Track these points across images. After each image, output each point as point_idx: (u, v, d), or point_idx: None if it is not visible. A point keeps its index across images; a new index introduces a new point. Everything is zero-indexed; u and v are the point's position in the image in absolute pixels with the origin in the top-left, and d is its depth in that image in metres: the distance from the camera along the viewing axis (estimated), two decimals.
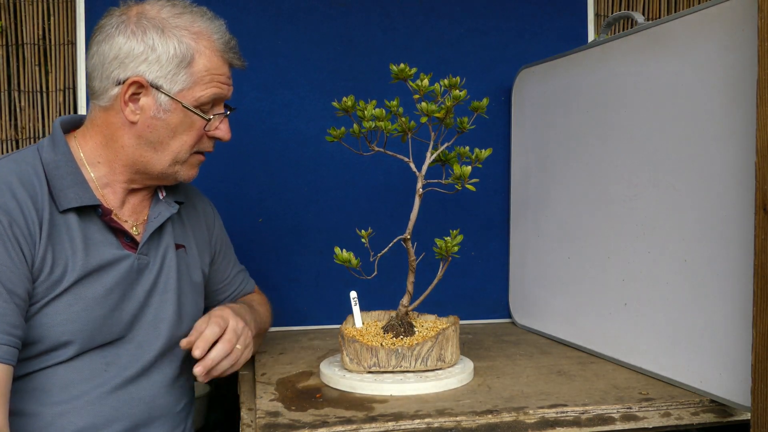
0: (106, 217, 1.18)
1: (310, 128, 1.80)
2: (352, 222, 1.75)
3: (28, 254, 1.09)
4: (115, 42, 1.15)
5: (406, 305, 1.34)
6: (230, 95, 1.25)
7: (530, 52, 1.89)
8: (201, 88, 1.18)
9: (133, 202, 1.26)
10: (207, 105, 1.20)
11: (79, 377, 1.15)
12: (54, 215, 1.13)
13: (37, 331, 1.11)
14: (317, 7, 1.81)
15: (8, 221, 1.07)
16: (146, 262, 1.23)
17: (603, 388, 1.24)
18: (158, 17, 1.16)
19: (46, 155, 1.17)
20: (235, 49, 1.24)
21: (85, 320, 1.14)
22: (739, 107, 1.10)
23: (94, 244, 1.17)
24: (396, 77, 1.29)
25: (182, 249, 1.32)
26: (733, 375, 1.12)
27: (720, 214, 1.14)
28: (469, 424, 1.09)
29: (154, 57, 1.14)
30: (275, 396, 1.22)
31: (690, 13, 1.21)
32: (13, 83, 1.78)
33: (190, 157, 1.23)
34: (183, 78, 1.16)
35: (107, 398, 1.16)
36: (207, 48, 1.18)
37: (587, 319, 1.50)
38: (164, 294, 1.25)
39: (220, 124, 1.24)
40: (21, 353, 1.09)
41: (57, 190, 1.14)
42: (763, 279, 1.00)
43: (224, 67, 1.21)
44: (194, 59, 1.17)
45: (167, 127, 1.18)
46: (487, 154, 1.29)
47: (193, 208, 1.40)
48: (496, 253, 1.89)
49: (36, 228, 1.10)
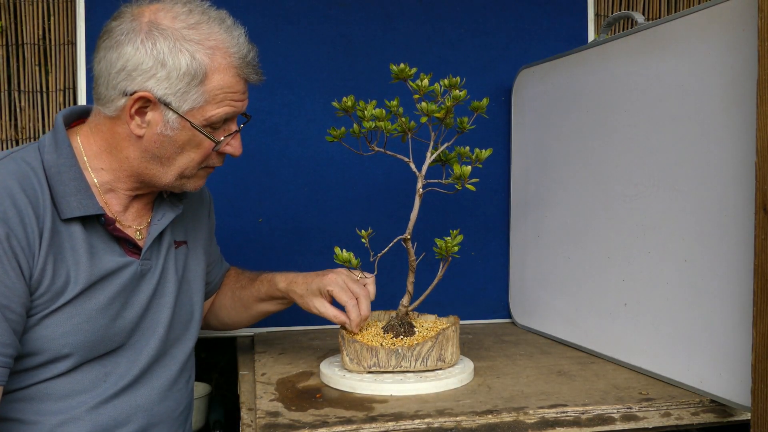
0: (109, 227, 1.15)
1: (310, 128, 1.80)
2: (352, 222, 1.75)
3: (26, 267, 1.05)
4: (123, 51, 1.08)
5: (406, 305, 1.34)
6: (245, 109, 1.18)
7: (530, 52, 1.89)
8: (213, 107, 1.11)
9: (136, 206, 1.22)
10: (218, 123, 1.14)
11: (79, 388, 1.13)
12: (56, 223, 1.09)
13: (36, 344, 1.08)
14: (317, 7, 1.81)
15: (6, 233, 1.02)
16: (149, 267, 1.21)
17: (603, 388, 1.24)
18: (171, 28, 1.07)
19: (48, 156, 1.11)
20: (253, 63, 1.16)
21: (87, 332, 1.11)
22: (739, 107, 1.10)
23: (97, 253, 1.13)
24: (396, 77, 1.29)
25: (183, 246, 1.30)
26: (733, 375, 1.12)
27: (720, 214, 1.14)
28: (469, 424, 1.09)
29: (164, 73, 1.07)
30: (275, 396, 1.22)
31: (690, 13, 1.21)
32: (13, 83, 1.78)
33: (198, 172, 1.19)
34: (194, 97, 1.09)
35: (106, 407, 1.15)
36: (222, 65, 1.10)
37: (587, 319, 1.50)
38: (162, 298, 1.23)
39: (232, 140, 1.18)
40: (18, 364, 1.07)
41: (59, 196, 1.09)
42: (763, 279, 1.00)
43: (239, 84, 1.13)
44: (207, 77, 1.09)
45: (174, 144, 1.12)
46: (487, 154, 1.29)
47: (195, 200, 1.37)
48: (496, 253, 1.89)
49: (35, 238, 1.06)
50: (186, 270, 1.30)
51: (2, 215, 1.03)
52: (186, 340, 1.29)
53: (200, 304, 1.34)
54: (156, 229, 1.21)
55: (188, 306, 1.30)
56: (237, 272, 1.52)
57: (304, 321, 1.79)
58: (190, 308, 1.30)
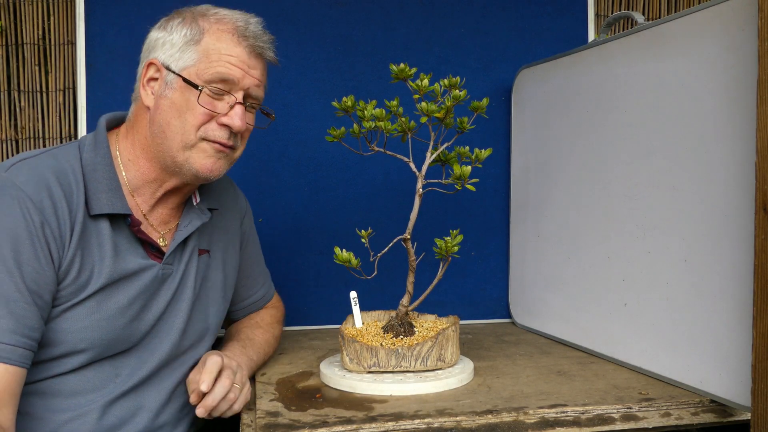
0: (134, 228, 1.17)
1: (310, 128, 1.80)
2: (352, 222, 1.75)
3: (56, 257, 1.08)
4: (149, 36, 1.20)
5: (406, 305, 1.34)
6: (248, 84, 1.17)
7: (530, 52, 1.89)
8: (205, 65, 1.14)
9: (163, 209, 1.24)
10: (214, 82, 1.14)
11: (89, 386, 1.14)
12: (86, 218, 1.12)
13: (54, 335, 1.10)
14: (317, 7, 1.81)
15: (40, 221, 1.06)
16: (170, 272, 1.22)
17: (603, 388, 1.24)
18: (197, 12, 1.18)
19: (87, 155, 1.16)
20: (257, 37, 1.18)
21: (104, 330, 1.13)
22: (739, 107, 1.10)
23: (121, 252, 1.16)
24: (396, 77, 1.29)
25: (206, 254, 1.31)
26: (733, 375, 1.12)
27: (720, 214, 1.14)
28: (469, 424, 1.09)
29: (169, 40, 1.16)
30: (275, 396, 1.22)
31: (690, 13, 1.21)
32: (13, 83, 1.78)
33: (199, 143, 1.16)
34: (189, 55, 1.14)
35: (113, 406, 1.15)
36: (220, 29, 1.16)
37: (587, 319, 1.50)
38: (178, 303, 1.24)
39: (231, 112, 1.16)
40: (35, 355, 1.08)
41: (91, 193, 1.13)
42: (763, 279, 1.00)
43: (237, 49, 1.15)
44: (203, 37, 1.15)
45: (172, 107, 1.14)
46: (487, 154, 1.29)
47: (228, 211, 1.38)
48: (496, 253, 1.89)
49: (67, 230, 1.09)
50: (205, 279, 1.30)
51: (38, 204, 1.07)
52: (199, 347, 1.29)
53: (217, 315, 1.33)
54: (181, 235, 1.23)
55: (203, 315, 1.30)
56: (255, 320, 1.49)
57: (304, 321, 1.79)
58: (204, 317, 1.30)
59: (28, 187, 1.07)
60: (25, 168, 1.10)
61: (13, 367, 1.03)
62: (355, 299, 1.40)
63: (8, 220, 1.05)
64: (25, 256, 1.04)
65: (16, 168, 1.09)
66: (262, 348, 1.41)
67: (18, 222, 1.05)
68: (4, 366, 1.02)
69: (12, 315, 1.02)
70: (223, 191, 1.38)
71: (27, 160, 1.12)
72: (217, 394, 1.14)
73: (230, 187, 1.42)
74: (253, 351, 1.36)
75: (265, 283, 1.52)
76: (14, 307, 1.03)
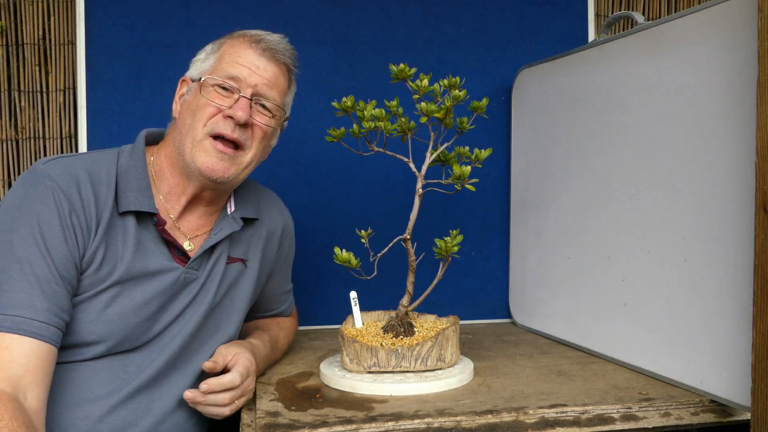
0: (159, 227, 1.20)
1: (310, 128, 1.80)
2: (352, 222, 1.75)
3: (81, 245, 1.12)
4: None
5: (406, 305, 1.34)
6: (255, 81, 1.22)
7: (530, 52, 1.89)
8: (217, 67, 1.23)
9: (191, 216, 1.27)
10: (221, 77, 1.21)
11: (98, 379, 1.14)
12: (114, 217, 1.17)
13: (70, 324, 1.12)
14: (317, 7, 1.81)
15: (69, 209, 1.12)
16: (194, 277, 1.24)
17: (603, 388, 1.24)
18: (226, 34, 1.28)
19: (123, 159, 1.23)
20: (271, 43, 1.26)
21: (118, 325, 1.15)
22: (739, 107, 1.10)
23: (143, 251, 1.18)
24: (396, 77, 1.29)
25: (239, 263, 1.32)
26: (733, 375, 1.12)
27: (720, 214, 1.14)
28: (469, 424, 1.09)
29: (199, 59, 1.28)
30: (275, 396, 1.22)
31: (690, 13, 1.21)
32: (13, 83, 1.78)
33: (204, 140, 1.20)
34: (207, 63, 1.25)
35: (119, 408, 1.15)
36: (237, 40, 1.25)
37: (587, 319, 1.50)
38: (196, 307, 1.24)
39: (235, 104, 1.20)
40: None
41: (121, 192, 1.19)
42: (763, 279, 1.00)
43: (247, 51, 1.23)
44: (221, 47, 1.26)
45: (188, 108, 1.23)
46: (487, 154, 1.29)
47: (270, 225, 1.39)
48: (496, 253, 1.89)
49: (93, 224, 1.14)
50: (233, 287, 1.31)
51: (68, 195, 1.13)
52: (211, 353, 1.28)
53: (236, 322, 1.33)
54: (210, 242, 1.25)
55: (222, 321, 1.30)
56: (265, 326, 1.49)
57: (304, 321, 1.79)
58: (219, 323, 1.30)
59: (61, 179, 1.13)
60: (60, 164, 1.16)
61: (47, 345, 1.05)
62: (355, 299, 1.40)
63: (41, 206, 1.11)
64: (55, 241, 1.10)
65: (53, 163, 1.16)
66: (278, 355, 1.46)
67: (50, 209, 1.11)
68: (38, 343, 1.04)
69: (45, 295, 1.06)
70: (268, 205, 1.41)
71: (64, 158, 1.19)
72: (222, 392, 1.18)
73: (277, 204, 1.45)
74: (273, 356, 1.41)
75: (288, 300, 1.55)
76: (47, 288, 1.07)
